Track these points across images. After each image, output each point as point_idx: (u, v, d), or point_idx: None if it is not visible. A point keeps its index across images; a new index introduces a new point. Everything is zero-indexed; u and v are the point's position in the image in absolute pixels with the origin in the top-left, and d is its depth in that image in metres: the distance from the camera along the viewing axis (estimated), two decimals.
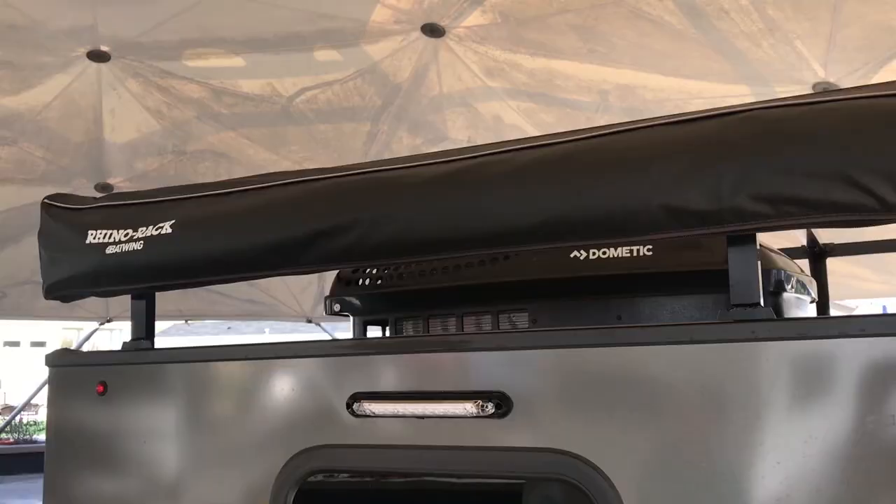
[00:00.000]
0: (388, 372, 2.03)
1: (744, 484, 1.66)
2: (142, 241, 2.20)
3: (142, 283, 2.26)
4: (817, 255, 3.25)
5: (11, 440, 18.19)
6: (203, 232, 2.17)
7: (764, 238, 2.25)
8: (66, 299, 2.44)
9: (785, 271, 2.37)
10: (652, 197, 1.72)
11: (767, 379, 1.66)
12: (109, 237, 2.26)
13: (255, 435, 2.17)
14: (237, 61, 6.75)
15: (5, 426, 17.15)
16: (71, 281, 2.34)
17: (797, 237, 3.17)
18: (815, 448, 1.60)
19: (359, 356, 2.09)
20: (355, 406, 1.99)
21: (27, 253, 8.05)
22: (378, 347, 2.12)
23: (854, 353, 1.60)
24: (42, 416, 20.64)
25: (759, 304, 1.74)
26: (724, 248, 1.79)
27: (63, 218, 2.40)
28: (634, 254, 2.38)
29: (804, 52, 5.73)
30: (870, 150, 1.58)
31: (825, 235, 3.28)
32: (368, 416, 1.99)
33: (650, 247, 2.37)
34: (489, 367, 1.93)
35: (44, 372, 2.59)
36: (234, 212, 2.15)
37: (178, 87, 6.97)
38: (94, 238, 2.28)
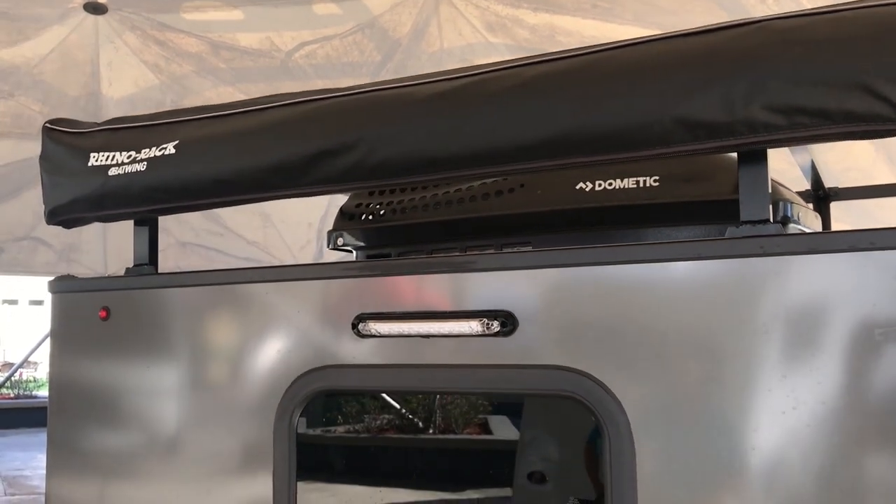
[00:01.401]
0: (394, 293, 2.02)
1: (750, 398, 1.66)
2: (145, 163, 2.18)
3: (145, 206, 2.24)
4: (821, 198, 3.23)
5: (12, 395, 18.36)
6: (206, 152, 2.14)
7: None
8: (67, 224, 2.41)
9: (792, 203, 2.35)
10: (664, 109, 1.70)
11: (776, 294, 1.66)
12: (112, 159, 2.23)
13: (261, 356, 2.16)
14: (236, 14, 6.68)
15: (5, 382, 17.33)
16: (73, 205, 2.32)
17: (802, 181, 3.14)
18: (821, 361, 1.60)
19: (364, 277, 2.07)
20: (360, 326, 1.99)
21: (25, 208, 8.05)
22: (383, 269, 2.11)
23: (863, 267, 1.59)
24: (41, 373, 20.82)
25: (768, 220, 1.73)
26: (731, 177, 1.75)
27: (65, 141, 2.36)
28: (641, 185, 2.36)
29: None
30: (886, 58, 1.56)
31: (830, 181, 3.25)
32: (374, 335, 1.98)
33: (657, 178, 2.34)
34: (494, 286, 1.91)
35: (42, 329, 2.58)
36: (238, 132, 2.12)
37: (177, 40, 6.91)
38: (97, 160, 2.26)
